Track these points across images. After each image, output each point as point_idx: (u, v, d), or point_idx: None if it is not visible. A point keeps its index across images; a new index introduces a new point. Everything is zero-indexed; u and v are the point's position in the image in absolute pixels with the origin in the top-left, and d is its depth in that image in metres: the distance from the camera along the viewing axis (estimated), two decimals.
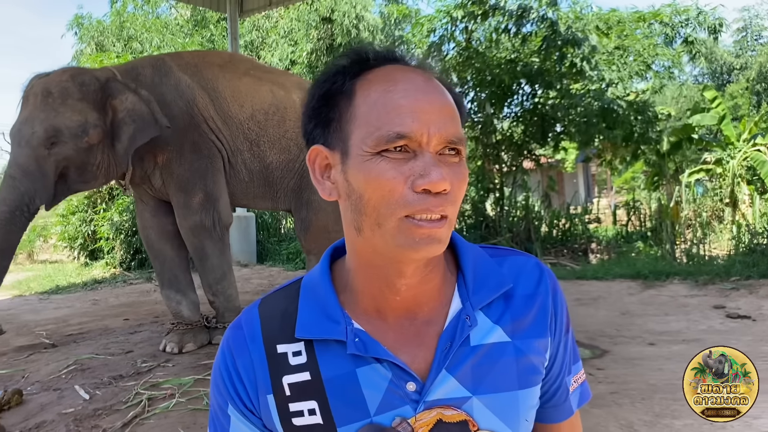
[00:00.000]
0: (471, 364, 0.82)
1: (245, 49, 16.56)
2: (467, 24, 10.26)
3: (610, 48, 10.66)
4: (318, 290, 0.85)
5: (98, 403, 3.85)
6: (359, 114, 0.77)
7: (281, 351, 0.83)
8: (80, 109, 4.37)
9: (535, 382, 0.86)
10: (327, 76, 0.82)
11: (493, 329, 0.84)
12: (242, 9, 10.76)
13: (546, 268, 0.92)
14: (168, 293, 5.18)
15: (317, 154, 0.83)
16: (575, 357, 0.95)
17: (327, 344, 0.82)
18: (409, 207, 0.73)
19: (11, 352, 5.29)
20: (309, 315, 0.84)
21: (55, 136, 4.29)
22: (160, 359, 4.75)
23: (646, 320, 5.38)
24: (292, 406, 0.81)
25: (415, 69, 0.81)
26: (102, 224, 10.87)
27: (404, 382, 0.80)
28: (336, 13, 16.25)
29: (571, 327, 0.95)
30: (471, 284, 0.85)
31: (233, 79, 5.12)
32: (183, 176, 4.75)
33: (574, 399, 0.95)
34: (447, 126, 0.76)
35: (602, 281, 7.21)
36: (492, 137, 10.46)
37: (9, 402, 3.85)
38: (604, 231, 11.43)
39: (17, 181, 4.25)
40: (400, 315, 0.84)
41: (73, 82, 4.42)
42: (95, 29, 16.96)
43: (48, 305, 7.81)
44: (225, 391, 0.86)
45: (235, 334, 0.87)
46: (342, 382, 0.81)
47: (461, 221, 10.60)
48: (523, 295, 0.87)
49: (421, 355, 0.82)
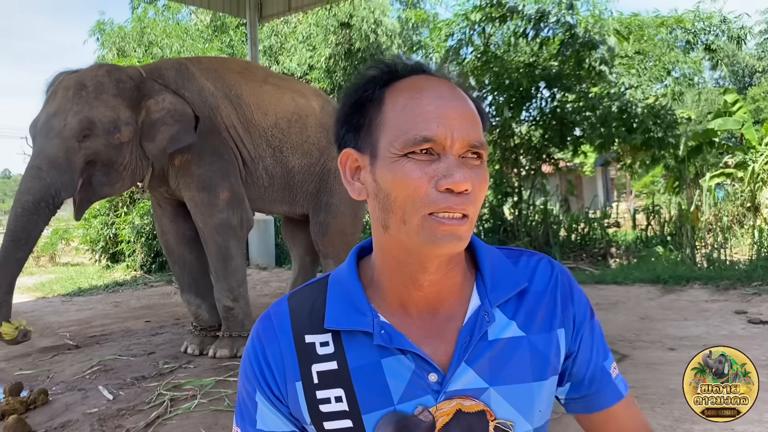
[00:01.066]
0: (488, 357, 0.87)
1: (264, 54, 16.69)
2: (485, 28, 10.26)
3: (629, 52, 10.61)
4: (346, 285, 0.91)
5: (122, 403, 3.91)
6: (388, 119, 0.83)
7: (309, 341, 0.89)
8: (114, 105, 4.33)
9: (548, 374, 0.90)
10: (358, 86, 0.88)
11: (508, 325, 0.89)
12: (261, 14, 10.85)
13: (557, 264, 0.98)
14: (188, 297, 5.23)
15: (348, 157, 0.89)
16: (607, 348, 0.99)
17: (354, 335, 0.87)
18: (432, 205, 0.79)
19: (36, 353, 5.38)
20: (337, 307, 0.89)
21: (88, 128, 4.22)
22: (182, 360, 4.81)
23: (665, 325, 5.34)
24: (320, 394, 0.87)
25: (440, 78, 0.87)
26: (123, 227, 11.00)
27: (426, 372, 0.85)
28: (354, 18, 16.30)
29: (596, 319, 0.98)
30: (489, 283, 0.91)
31: (255, 87, 5.15)
32: (204, 175, 4.70)
33: (620, 384, 0.97)
34: (469, 131, 0.81)
35: (621, 286, 7.18)
36: (510, 141, 10.45)
37: (35, 401, 3.92)
38: (624, 235, 11.35)
39: (43, 172, 4.14)
40: (422, 310, 0.89)
41: (109, 77, 4.40)
42: (117, 35, 17.18)
43: (71, 307, 7.92)
44: (253, 379, 0.91)
45: (265, 325, 0.93)
46: (368, 372, 0.86)
47: (479, 225, 10.59)
48: (535, 291, 0.93)
49: (442, 348, 0.87)
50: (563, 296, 0.94)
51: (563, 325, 0.93)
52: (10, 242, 4.14)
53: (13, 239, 4.14)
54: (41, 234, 4.42)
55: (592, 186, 22.20)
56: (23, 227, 4.15)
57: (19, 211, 4.14)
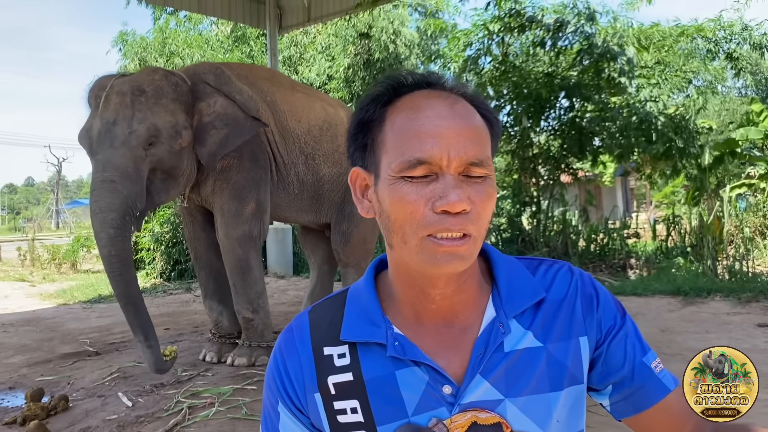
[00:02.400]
0: (504, 368, 0.86)
1: (284, 64, 16.81)
2: (504, 38, 10.26)
3: (649, 62, 10.54)
4: (362, 297, 0.92)
5: (140, 410, 3.95)
6: (386, 140, 0.84)
7: (327, 353, 0.90)
8: (173, 110, 4.27)
9: (567, 383, 0.88)
10: (363, 105, 0.88)
11: (525, 335, 0.88)
12: (281, 25, 10.96)
13: (577, 270, 0.96)
14: (211, 304, 5.25)
15: (357, 176, 0.90)
16: (645, 345, 0.95)
17: (369, 347, 0.88)
18: (429, 227, 0.79)
19: (57, 359, 5.45)
20: (353, 320, 0.90)
21: (155, 135, 4.14)
22: (200, 368, 4.84)
23: (686, 337, 5.28)
24: (337, 404, 0.88)
25: (441, 94, 0.86)
26: (143, 235, 11.11)
27: (440, 384, 0.85)
28: (374, 28, 16.38)
29: (629, 317, 0.95)
30: (504, 294, 0.90)
31: (287, 94, 5.19)
32: (239, 184, 4.69)
33: (665, 378, 0.93)
34: (467, 149, 0.80)
35: (641, 297, 7.11)
36: (529, 151, 10.42)
37: (56, 407, 3.97)
38: (643, 246, 11.24)
39: (118, 184, 4.00)
40: (437, 322, 0.89)
41: (167, 81, 4.33)
42: (139, 45, 17.42)
43: (91, 314, 8.00)
44: (276, 390, 0.93)
45: (287, 337, 0.95)
46: (382, 383, 0.86)
47: (497, 235, 10.55)
48: (554, 300, 0.91)
49: (456, 360, 0.87)
50: (585, 302, 0.92)
51: (586, 332, 0.91)
52: (121, 266, 4.06)
53: (123, 263, 4.07)
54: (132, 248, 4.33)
55: (611, 196, 22.04)
56: (123, 246, 4.06)
57: (111, 232, 4.01)
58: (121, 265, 4.05)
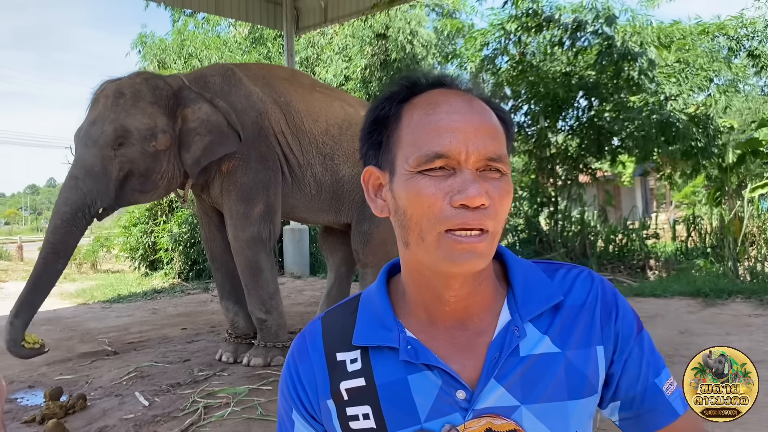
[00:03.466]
0: (520, 373, 0.84)
1: (301, 65, 16.87)
2: (521, 37, 10.20)
3: (670, 61, 10.42)
4: (374, 301, 0.91)
5: (157, 409, 3.97)
6: (403, 136, 0.83)
7: (340, 359, 0.89)
8: (151, 113, 4.35)
9: (586, 393, 0.86)
10: (378, 103, 0.88)
11: (541, 340, 0.86)
12: (298, 26, 11.00)
13: (598, 277, 0.93)
14: (227, 304, 5.28)
15: (371, 175, 0.89)
16: (661, 363, 0.93)
17: (381, 351, 0.87)
18: (447, 221, 0.77)
19: (76, 358, 5.51)
20: (365, 324, 0.89)
21: (123, 136, 4.25)
22: (216, 368, 4.86)
23: (706, 339, 5.20)
24: (349, 410, 0.86)
25: (457, 92, 0.85)
26: (162, 236, 11.21)
27: (454, 389, 0.83)
28: (391, 29, 16.38)
29: (646, 332, 0.93)
30: (520, 297, 0.88)
31: (305, 94, 5.18)
32: (246, 186, 4.72)
33: (675, 401, 0.91)
34: (485, 144, 0.79)
35: (660, 299, 7.02)
36: (546, 150, 10.35)
37: (74, 406, 4.01)
38: (663, 247, 11.11)
39: (80, 181, 4.20)
40: (450, 325, 0.87)
41: (147, 85, 4.43)
42: (158, 47, 17.58)
43: (110, 314, 8.08)
44: (289, 397, 0.92)
45: (299, 344, 0.94)
46: (394, 388, 0.84)
47: (514, 236, 10.49)
48: (573, 305, 0.89)
49: (471, 364, 0.85)
50: (604, 311, 0.89)
51: (603, 341, 0.88)
52: (50, 253, 4.23)
53: (53, 251, 4.23)
54: (78, 243, 4.48)
55: (630, 196, 21.84)
56: (61, 239, 4.23)
57: (58, 222, 4.22)
58: (52, 252, 4.22)
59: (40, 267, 4.23)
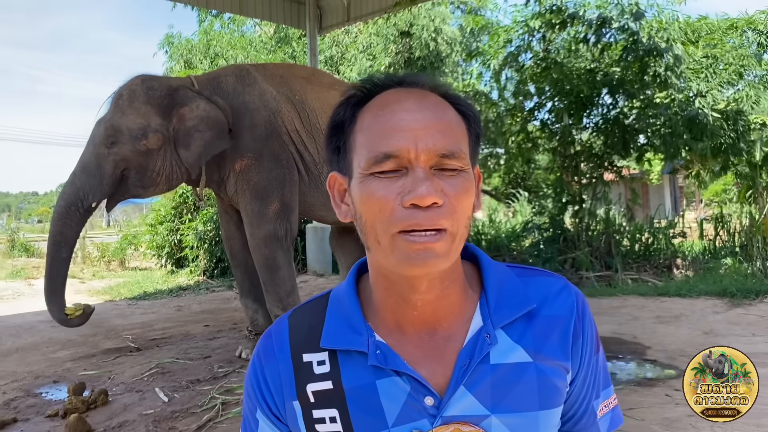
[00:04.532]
0: (490, 382, 0.82)
1: (325, 64, 16.93)
2: (545, 34, 10.10)
3: (697, 57, 10.22)
4: (343, 303, 0.89)
5: (176, 405, 4.03)
6: (357, 140, 0.82)
7: (307, 360, 0.87)
8: (144, 113, 4.49)
9: (556, 403, 0.86)
10: (336, 108, 0.87)
11: (514, 348, 0.85)
12: (321, 25, 11.04)
13: (574, 289, 0.92)
14: (246, 302, 5.33)
15: (335, 180, 0.88)
16: (606, 381, 0.95)
17: (350, 355, 0.85)
18: (399, 223, 0.76)
19: (100, 354, 5.61)
20: (334, 326, 0.87)
21: (114, 135, 4.44)
22: (236, 365, 4.91)
23: (731, 341, 5.09)
24: (316, 413, 0.85)
25: (410, 90, 0.84)
26: (187, 234, 11.35)
27: (422, 396, 0.82)
28: (415, 26, 16.36)
29: (602, 350, 0.94)
30: (493, 302, 0.86)
31: (321, 92, 5.20)
32: (260, 184, 4.77)
33: (603, 424, 0.94)
34: (435, 140, 0.77)
35: (685, 298, 6.89)
36: (570, 148, 10.23)
37: (95, 401, 4.08)
38: (690, 246, 10.91)
39: (76, 177, 4.48)
40: (419, 329, 0.85)
41: (142, 85, 4.57)
42: (184, 47, 17.80)
43: (135, 310, 8.21)
44: (254, 397, 0.91)
45: (265, 343, 0.92)
46: (362, 393, 0.83)
47: (538, 234, 10.39)
48: (547, 315, 0.88)
49: (440, 370, 0.83)
50: (577, 326, 0.89)
51: (570, 357, 0.88)
52: (51, 245, 4.55)
53: (54, 242, 4.54)
54: (78, 234, 4.74)
55: (659, 194, 21.51)
56: (59, 230, 4.52)
57: (55, 215, 4.57)
58: (53, 243, 4.54)
59: (48, 258, 4.57)
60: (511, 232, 11.58)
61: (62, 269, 4.55)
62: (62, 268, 4.55)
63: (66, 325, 4.63)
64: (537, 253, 9.83)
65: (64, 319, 4.56)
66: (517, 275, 0.91)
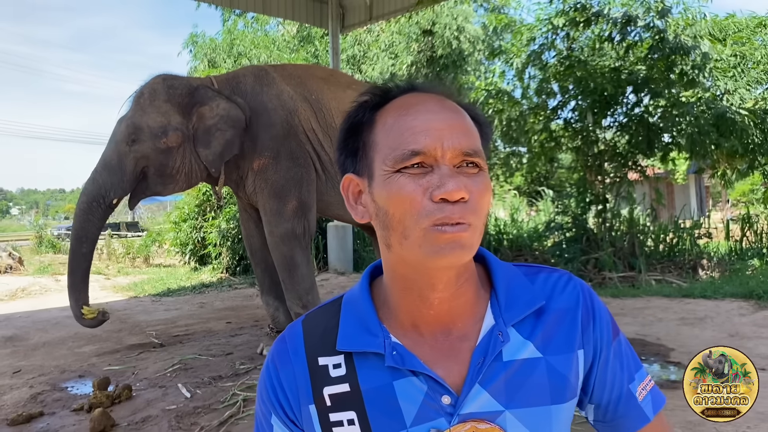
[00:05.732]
0: (504, 379, 0.84)
1: (347, 63, 16.97)
2: (569, 32, 10.00)
3: (725, 55, 10.06)
4: (358, 305, 0.90)
5: (198, 401, 4.07)
6: (379, 140, 0.84)
7: (322, 363, 0.88)
8: (165, 111, 4.57)
9: (567, 397, 0.87)
10: (351, 112, 0.89)
11: (524, 345, 0.86)
12: (343, 24, 11.06)
13: (578, 281, 0.94)
14: (267, 299, 5.37)
15: (350, 182, 0.89)
16: (636, 364, 0.95)
17: (366, 357, 0.86)
18: (430, 216, 0.78)
19: (124, 349, 5.68)
20: (349, 329, 0.88)
21: (134, 133, 4.52)
22: (257, 362, 4.95)
23: (757, 343, 5.02)
24: (333, 416, 0.85)
25: (429, 94, 0.87)
26: (210, 231, 11.45)
27: (439, 395, 0.83)
28: (437, 25, 16.33)
29: (622, 335, 0.95)
30: (503, 301, 0.88)
31: (338, 92, 5.23)
32: (278, 183, 4.81)
33: (647, 406, 0.93)
34: (460, 139, 0.81)
35: (710, 300, 6.79)
36: (594, 147, 10.12)
37: (119, 396, 4.14)
38: (716, 246, 10.74)
39: (98, 173, 4.57)
40: (435, 330, 0.87)
41: (163, 84, 4.64)
42: (208, 47, 17.96)
43: (159, 307, 8.31)
44: (268, 402, 0.91)
45: (279, 348, 0.93)
46: (379, 394, 0.84)
47: (561, 234, 10.31)
48: (554, 310, 0.90)
49: (455, 369, 0.85)
50: (585, 315, 0.90)
51: (582, 345, 0.89)
52: (74, 240, 4.67)
53: (76, 237, 4.66)
54: (100, 231, 4.82)
55: (684, 194, 21.21)
56: (81, 226, 4.62)
57: (77, 211, 4.65)
58: (75, 239, 4.68)
59: (70, 253, 4.70)
60: (533, 232, 11.50)
61: (83, 264, 4.66)
62: (83, 263, 4.65)
63: (79, 321, 4.78)
64: (559, 253, 9.75)
65: (78, 315, 4.72)
66: (524, 274, 0.93)
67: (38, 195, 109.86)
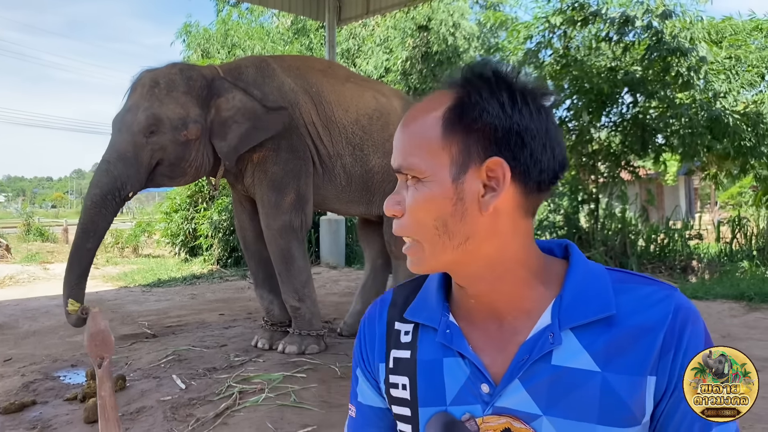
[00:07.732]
0: (548, 382, 0.80)
1: (341, 56, 16.91)
2: (566, 31, 10.02)
3: (720, 58, 10.12)
4: (432, 281, 0.95)
5: (193, 392, 4.04)
6: None
7: (397, 328, 0.95)
8: (183, 103, 4.44)
9: (622, 422, 0.79)
10: None
11: (580, 353, 0.80)
12: (340, 17, 11.01)
13: (678, 302, 0.83)
14: (261, 293, 5.33)
15: None
16: None
17: (427, 330, 0.91)
18: None
19: (116, 340, 5.53)
20: (419, 301, 0.94)
21: (155, 125, 4.34)
22: (252, 354, 4.93)
23: (749, 345, 5.06)
24: (392, 378, 0.93)
25: None
26: (202, 222, 11.40)
27: (479, 381, 0.84)
28: (433, 21, 16.31)
29: None
30: (566, 303, 0.83)
31: (337, 85, 5.19)
32: (277, 175, 4.77)
33: None
34: (396, 157, 0.85)
35: (702, 301, 6.85)
36: (588, 147, 10.15)
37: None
38: (706, 248, 10.82)
39: (112, 165, 4.31)
40: (485, 317, 0.88)
41: (181, 75, 4.51)
42: (202, 37, 17.84)
43: (150, 297, 8.25)
44: (357, 355, 1.01)
45: (371, 310, 1.02)
46: (430, 367, 0.89)
47: (553, 232, 10.34)
48: (632, 325, 0.81)
49: (500, 360, 0.84)
50: (667, 339, 0.80)
51: (656, 371, 0.79)
52: (81, 233, 4.38)
53: (84, 231, 4.37)
54: (109, 225, 4.61)
55: (674, 195, 21.36)
56: (92, 220, 4.36)
57: (88, 204, 4.36)
58: (82, 232, 4.37)
59: (73, 247, 4.44)
60: None
61: (84, 260, 4.40)
62: (84, 259, 4.40)
63: (66, 316, 4.42)
64: None
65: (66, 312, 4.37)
66: (613, 281, 0.85)
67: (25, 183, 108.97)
